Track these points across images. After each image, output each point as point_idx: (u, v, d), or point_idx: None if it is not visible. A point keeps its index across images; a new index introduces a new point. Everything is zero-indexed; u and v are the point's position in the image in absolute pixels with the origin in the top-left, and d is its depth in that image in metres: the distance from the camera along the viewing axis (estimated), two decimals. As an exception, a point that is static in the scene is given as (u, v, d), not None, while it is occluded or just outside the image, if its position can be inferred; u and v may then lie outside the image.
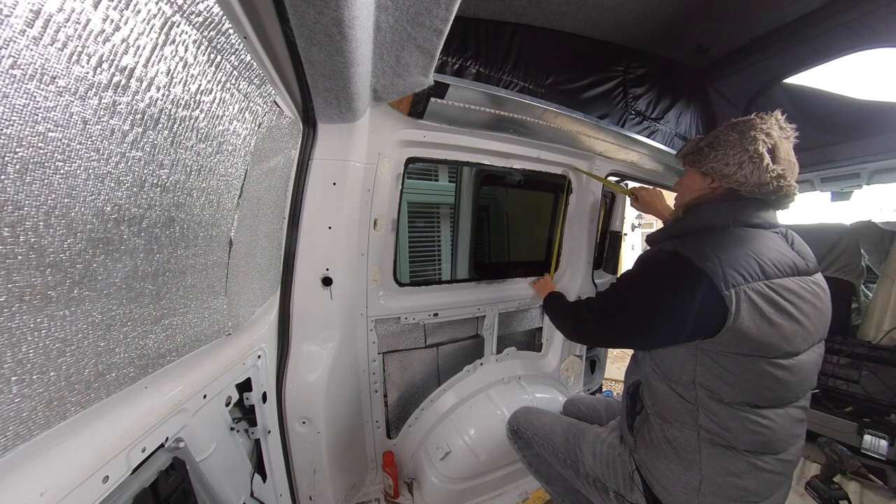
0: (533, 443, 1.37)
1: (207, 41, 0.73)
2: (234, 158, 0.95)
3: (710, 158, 0.98)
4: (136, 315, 0.77)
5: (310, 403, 1.41)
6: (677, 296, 0.89)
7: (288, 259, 1.35)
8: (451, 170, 4.27)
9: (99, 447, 0.68)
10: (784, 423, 0.90)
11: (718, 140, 0.97)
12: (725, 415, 0.88)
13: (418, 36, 0.92)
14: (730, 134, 0.96)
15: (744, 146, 0.92)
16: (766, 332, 0.85)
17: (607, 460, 1.12)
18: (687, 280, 0.87)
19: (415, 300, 1.80)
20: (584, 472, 1.18)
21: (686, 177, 1.10)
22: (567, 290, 2.31)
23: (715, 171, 0.98)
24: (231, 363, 1.09)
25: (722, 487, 0.90)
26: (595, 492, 1.15)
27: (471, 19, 1.37)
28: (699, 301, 0.85)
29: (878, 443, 1.92)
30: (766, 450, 0.90)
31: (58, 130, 0.54)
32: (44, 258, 0.56)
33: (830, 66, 1.88)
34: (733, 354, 0.86)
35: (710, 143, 0.99)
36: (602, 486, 1.13)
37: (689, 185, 1.07)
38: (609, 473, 1.11)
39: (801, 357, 0.91)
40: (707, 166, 0.99)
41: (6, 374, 0.55)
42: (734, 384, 0.87)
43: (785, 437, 0.91)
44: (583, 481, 1.19)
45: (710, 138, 1.00)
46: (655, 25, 1.72)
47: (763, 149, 0.91)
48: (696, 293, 0.85)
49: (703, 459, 0.91)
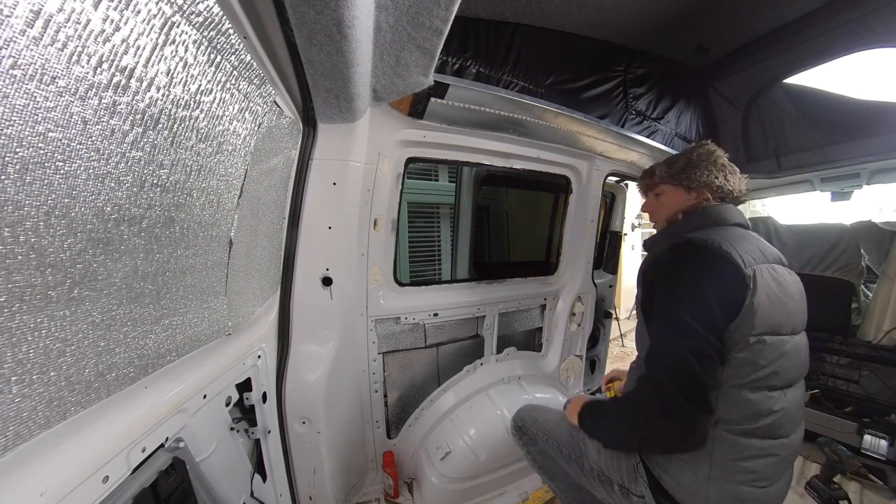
0: (537, 439, 1.38)
1: (207, 41, 0.73)
2: (234, 158, 0.95)
3: (697, 175, 1.13)
4: (136, 315, 0.77)
5: (310, 403, 1.41)
6: (711, 279, 0.92)
7: (288, 259, 1.35)
8: (451, 170, 4.27)
9: (99, 447, 0.68)
10: (792, 405, 0.96)
11: (694, 161, 1.14)
12: (743, 401, 0.91)
13: (418, 36, 0.92)
14: (701, 157, 1.15)
15: (720, 164, 1.13)
16: (777, 309, 0.93)
17: (611, 454, 1.12)
18: (714, 261, 0.93)
19: (415, 300, 1.80)
20: (588, 467, 1.19)
21: (665, 196, 1.21)
22: (567, 289, 2.31)
23: (705, 184, 1.12)
24: (231, 363, 1.09)
25: (732, 472, 0.93)
26: (600, 486, 1.16)
27: (471, 19, 1.37)
28: (728, 280, 0.91)
29: (878, 443, 1.92)
30: (776, 433, 0.94)
31: (58, 130, 0.54)
32: (44, 258, 0.56)
33: (830, 66, 1.88)
34: (751, 335, 0.91)
35: (689, 164, 1.14)
36: (607, 479, 1.14)
37: (674, 201, 1.19)
38: (613, 467, 1.11)
39: (797, 338, 1.00)
40: (696, 182, 1.13)
41: (6, 374, 0.55)
42: (747, 363, 0.91)
43: (791, 420, 0.97)
44: (587, 476, 1.20)
45: (684, 161, 1.16)
46: (655, 25, 1.72)
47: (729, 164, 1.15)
48: (725, 273, 0.91)
49: (716, 448, 0.93)
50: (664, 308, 0.97)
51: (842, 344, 2.24)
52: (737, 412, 0.91)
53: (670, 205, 1.20)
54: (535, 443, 1.41)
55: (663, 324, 0.96)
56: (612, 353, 4.70)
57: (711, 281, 0.91)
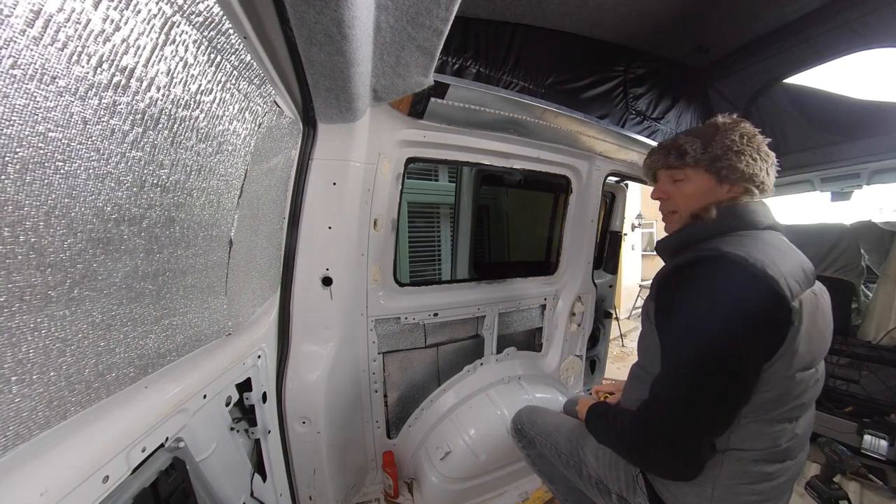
0: (536, 442, 1.37)
1: (207, 41, 0.73)
2: (234, 158, 0.95)
3: (742, 165, 0.90)
4: (136, 315, 0.77)
5: (310, 403, 1.41)
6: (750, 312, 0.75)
7: (288, 259, 1.35)
8: (451, 170, 4.27)
9: (99, 447, 0.68)
10: (805, 428, 0.90)
11: (738, 146, 0.90)
12: (761, 434, 0.84)
13: (418, 36, 0.92)
14: (745, 140, 0.91)
15: (763, 151, 0.91)
16: (815, 344, 0.81)
17: (610, 462, 1.10)
18: (756, 289, 0.75)
19: (415, 300, 1.80)
20: (586, 474, 1.17)
21: (691, 184, 0.96)
22: (567, 290, 2.31)
23: (749, 177, 0.90)
24: (231, 363, 1.09)
25: (737, 495, 0.88)
26: (598, 493, 1.15)
27: (471, 19, 1.37)
28: (771, 315, 0.75)
29: (878, 443, 1.92)
30: (787, 457, 0.88)
31: (58, 130, 0.54)
32: (44, 258, 0.56)
33: (830, 66, 1.88)
34: (785, 375, 0.80)
35: (730, 150, 0.90)
36: (605, 488, 1.12)
37: (701, 191, 0.94)
38: (612, 476, 1.09)
39: (822, 364, 0.90)
40: (738, 173, 0.90)
41: (6, 374, 0.55)
42: (774, 401, 0.81)
43: (802, 442, 0.91)
44: (585, 482, 1.18)
45: (723, 145, 0.91)
46: (656, 25, 1.72)
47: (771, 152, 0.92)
48: (769, 307, 0.75)
49: (723, 472, 0.88)
50: (687, 338, 0.81)
51: (842, 344, 2.24)
52: (753, 443, 0.84)
53: (697, 195, 0.95)
54: (533, 446, 1.39)
55: (683, 356, 0.81)
56: (612, 353, 4.70)
57: (751, 315, 0.75)
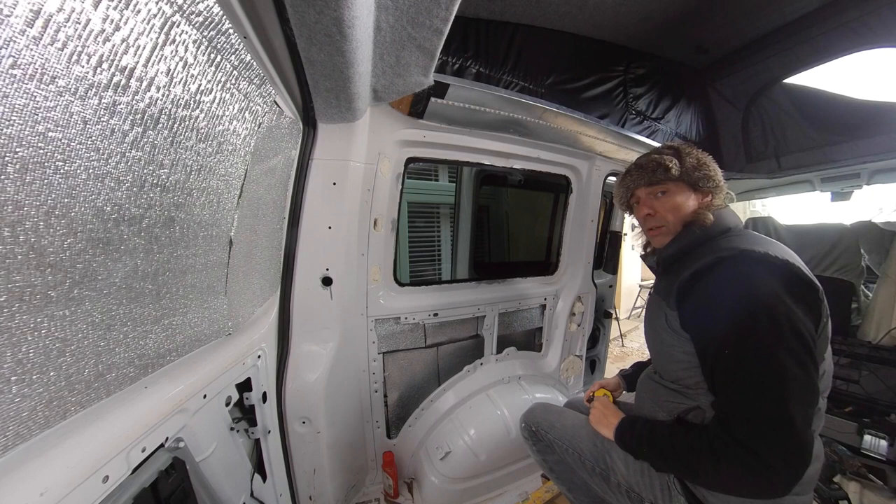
0: (555, 447, 1.25)
1: (207, 41, 0.73)
2: (234, 158, 0.95)
3: (713, 174, 1.04)
4: (136, 315, 0.77)
5: (310, 403, 1.41)
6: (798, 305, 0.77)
7: (288, 259, 1.35)
8: (451, 170, 4.27)
9: (99, 447, 0.68)
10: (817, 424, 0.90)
11: (703, 160, 1.05)
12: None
13: (418, 36, 0.92)
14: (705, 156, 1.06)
15: (715, 166, 1.05)
16: (826, 334, 0.85)
17: (642, 469, 1.03)
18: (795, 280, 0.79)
19: (415, 300, 1.80)
20: (615, 482, 1.09)
21: (675, 195, 1.04)
22: (567, 289, 2.31)
23: (719, 187, 1.04)
24: (231, 363, 1.09)
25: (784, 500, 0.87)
26: (629, 502, 1.08)
27: (471, 19, 1.37)
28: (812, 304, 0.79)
29: (878, 443, 1.91)
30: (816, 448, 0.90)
31: (58, 130, 0.54)
32: (44, 258, 0.56)
33: (830, 66, 1.88)
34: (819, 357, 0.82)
35: (701, 163, 1.04)
36: (637, 496, 1.05)
37: (683, 202, 1.04)
38: (645, 483, 1.03)
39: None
40: (712, 182, 1.03)
41: (6, 374, 0.55)
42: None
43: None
44: (614, 491, 1.10)
45: (694, 160, 1.03)
46: (656, 25, 1.72)
47: None
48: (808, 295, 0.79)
49: None
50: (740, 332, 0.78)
51: (842, 344, 2.24)
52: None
53: (683, 205, 1.03)
54: (552, 451, 1.28)
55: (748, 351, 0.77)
56: (612, 353, 4.69)
57: (793, 292, 0.76)
